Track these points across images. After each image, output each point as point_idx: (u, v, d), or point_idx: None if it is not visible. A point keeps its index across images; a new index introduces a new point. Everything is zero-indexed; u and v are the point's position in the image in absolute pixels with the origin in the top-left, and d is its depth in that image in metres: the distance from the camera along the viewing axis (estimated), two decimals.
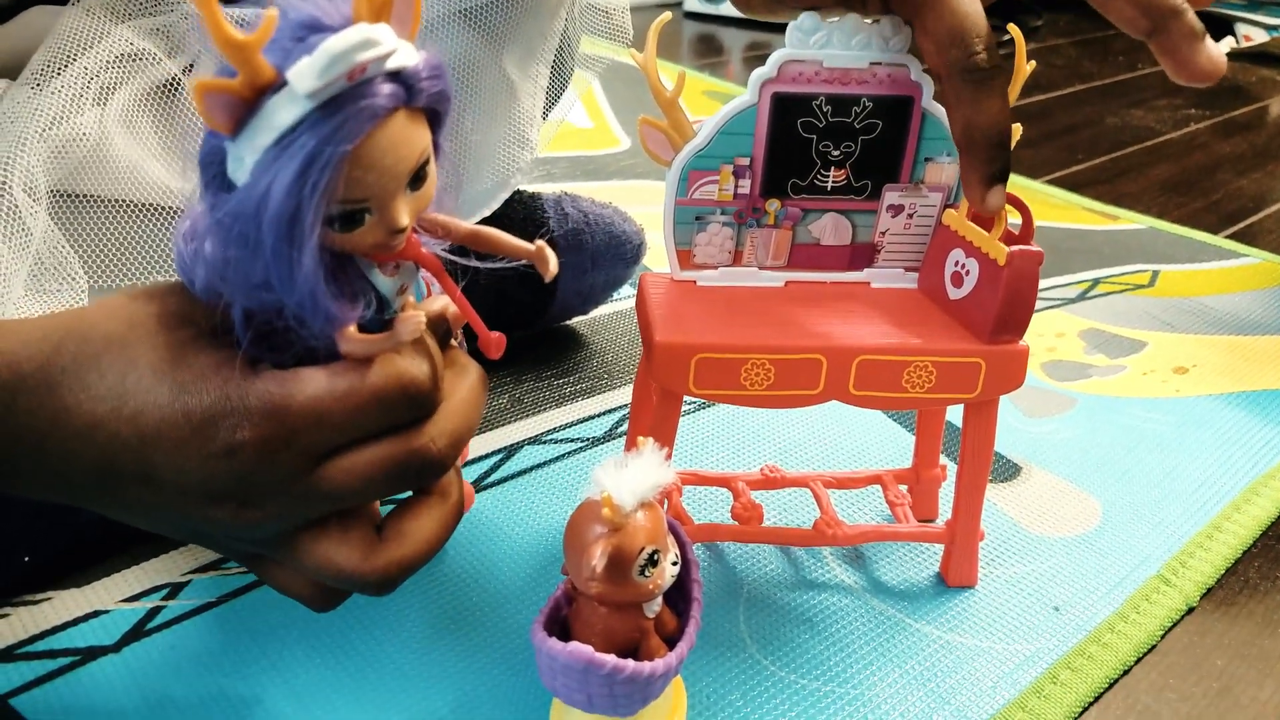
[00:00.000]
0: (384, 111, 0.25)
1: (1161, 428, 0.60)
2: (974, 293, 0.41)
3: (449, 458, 0.31)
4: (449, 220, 0.32)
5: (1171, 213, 0.97)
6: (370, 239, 0.27)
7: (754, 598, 0.45)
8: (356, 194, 0.26)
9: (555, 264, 0.32)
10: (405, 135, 0.26)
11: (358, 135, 0.25)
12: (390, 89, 0.25)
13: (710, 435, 0.57)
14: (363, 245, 0.28)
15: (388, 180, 0.26)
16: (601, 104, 1.19)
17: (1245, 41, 1.64)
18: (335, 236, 0.27)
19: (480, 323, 0.34)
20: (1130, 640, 0.44)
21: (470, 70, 0.51)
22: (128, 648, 0.41)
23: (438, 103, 0.28)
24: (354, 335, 0.28)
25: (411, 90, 0.26)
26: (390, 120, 0.26)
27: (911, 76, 0.40)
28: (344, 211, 0.26)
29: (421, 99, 0.27)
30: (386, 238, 0.28)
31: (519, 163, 0.55)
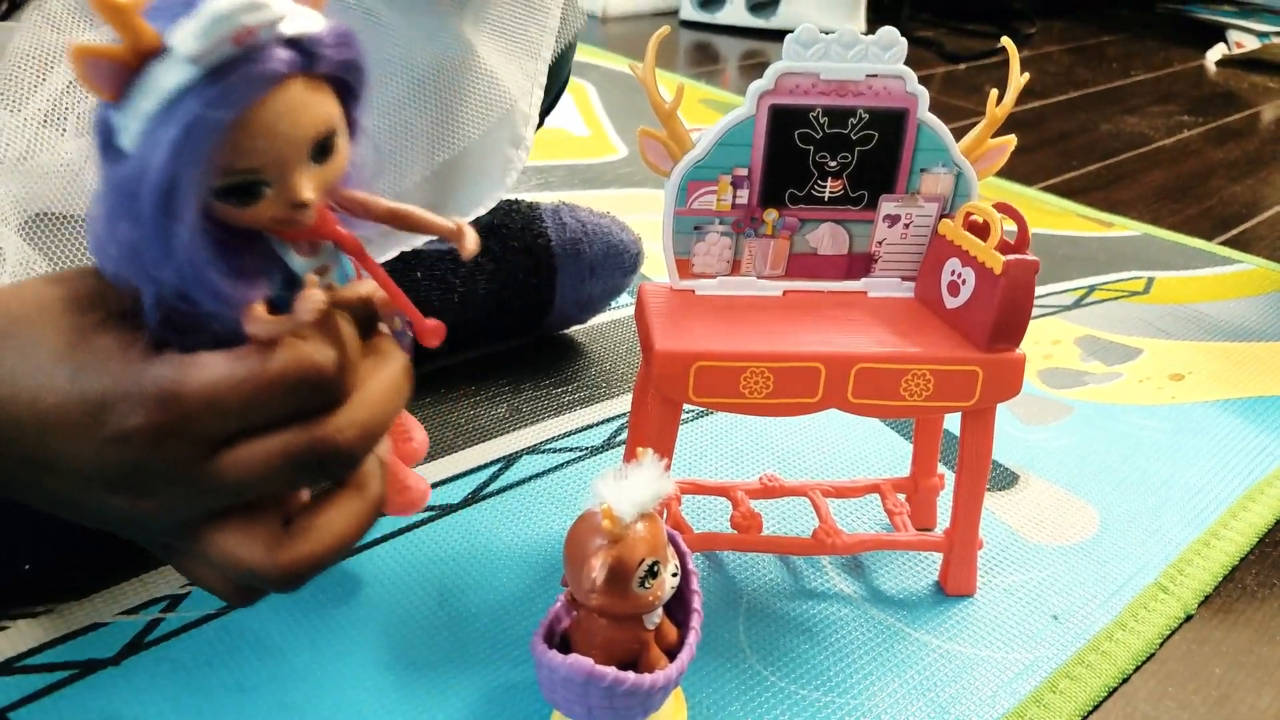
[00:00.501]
0: (275, 77, 0.24)
1: (1158, 435, 0.61)
2: (971, 301, 0.41)
3: (357, 449, 0.29)
4: (368, 198, 0.30)
5: (1165, 219, 0.98)
6: (270, 213, 0.26)
7: (753, 607, 0.46)
8: (248, 163, 0.25)
9: (474, 242, 0.31)
10: (302, 103, 0.25)
11: (245, 101, 0.24)
12: (284, 55, 0.24)
13: (709, 444, 0.57)
14: (263, 219, 0.27)
15: (283, 149, 0.25)
16: (598, 112, 1.19)
17: (1237, 48, 1.65)
18: (232, 210, 0.26)
19: (412, 308, 0.32)
20: (1129, 648, 0.44)
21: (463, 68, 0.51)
22: (127, 660, 0.40)
23: (345, 72, 0.26)
24: (258, 315, 0.27)
25: (311, 57, 0.25)
26: (285, 87, 0.25)
27: (907, 89, 0.40)
28: (237, 183, 0.25)
29: (323, 66, 0.26)
30: (288, 212, 0.26)
31: (514, 162, 0.55)
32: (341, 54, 0.26)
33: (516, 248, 0.62)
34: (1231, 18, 1.76)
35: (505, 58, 0.53)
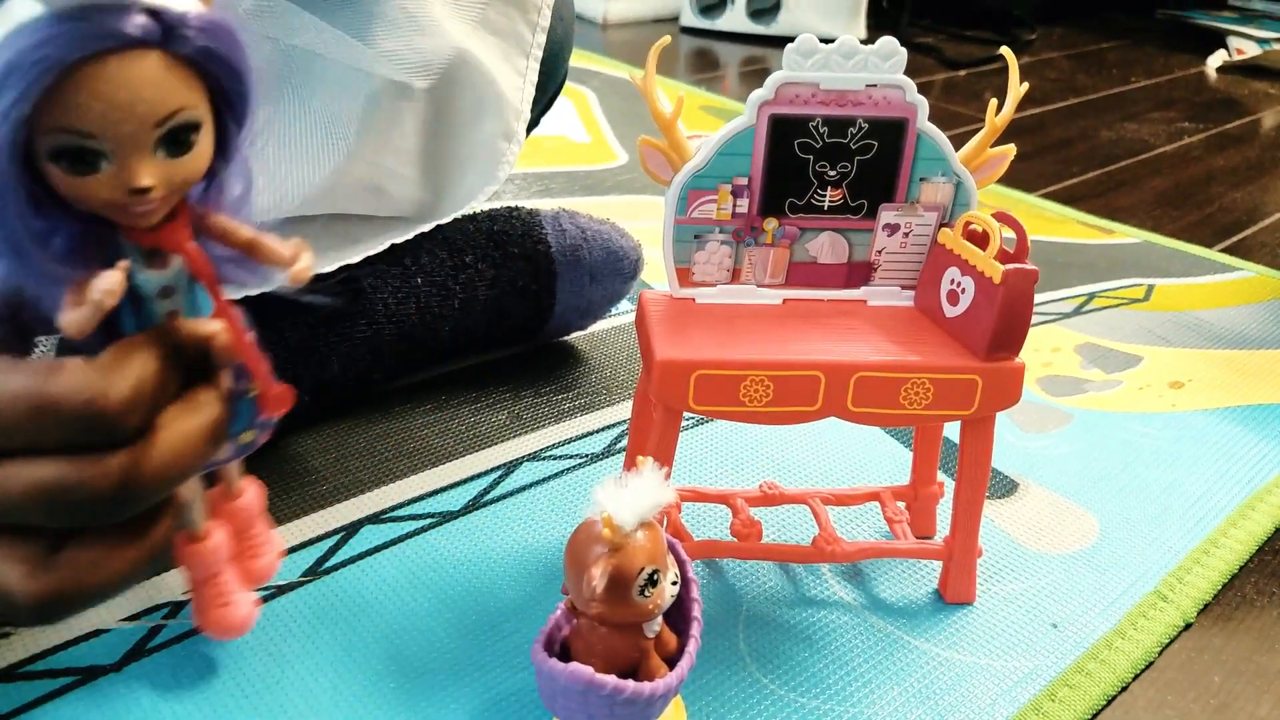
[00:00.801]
0: (121, 36, 0.23)
1: (1158, 443, 0.61)
2: (970, 310, 0.41)
3: (128, 498, 0.27)
4: (230, 224, 0.29)
5: (1166, 226, 0.98)
6: (106, 193, 0.25)
7: (753, 615, 0.46)
8: (79, 124, 0.24)
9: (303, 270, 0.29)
10: (153, 79, 0.24)
11: (82, 50, 0.23)
12: (140, 19, 0.24)
13: (709, 451, 0.57)
14: (98, 198, 0.25)
15: (121, 119, 0.24)
16: (599, 118, 1.19)
17: (1238, 55, 1.65)
18: (63, 176, 0.25)
19: (259, 363, 0.30)
20: (1128, 657, 0.44)
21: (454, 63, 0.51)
22: (128, 667, 0.41)
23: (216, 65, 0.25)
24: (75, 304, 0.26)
25: (170, 33, 0.24)
26: (134, 56, 0.24)
27: (906, 99, 0.41)
28: (68, 145, 0.24)
29: (185, 46, 0.25)
30: (124, 196, 0.25)
31: (506, 155, 0.55)
32: (207, 40, 0.25)
33: (516, 254, 0.62)
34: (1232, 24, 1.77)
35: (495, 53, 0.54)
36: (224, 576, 0.38)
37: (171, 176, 0.26)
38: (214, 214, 0.29)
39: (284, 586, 0.45)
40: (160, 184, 0.26)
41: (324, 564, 0.47)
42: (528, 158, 1.02)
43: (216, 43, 0.25)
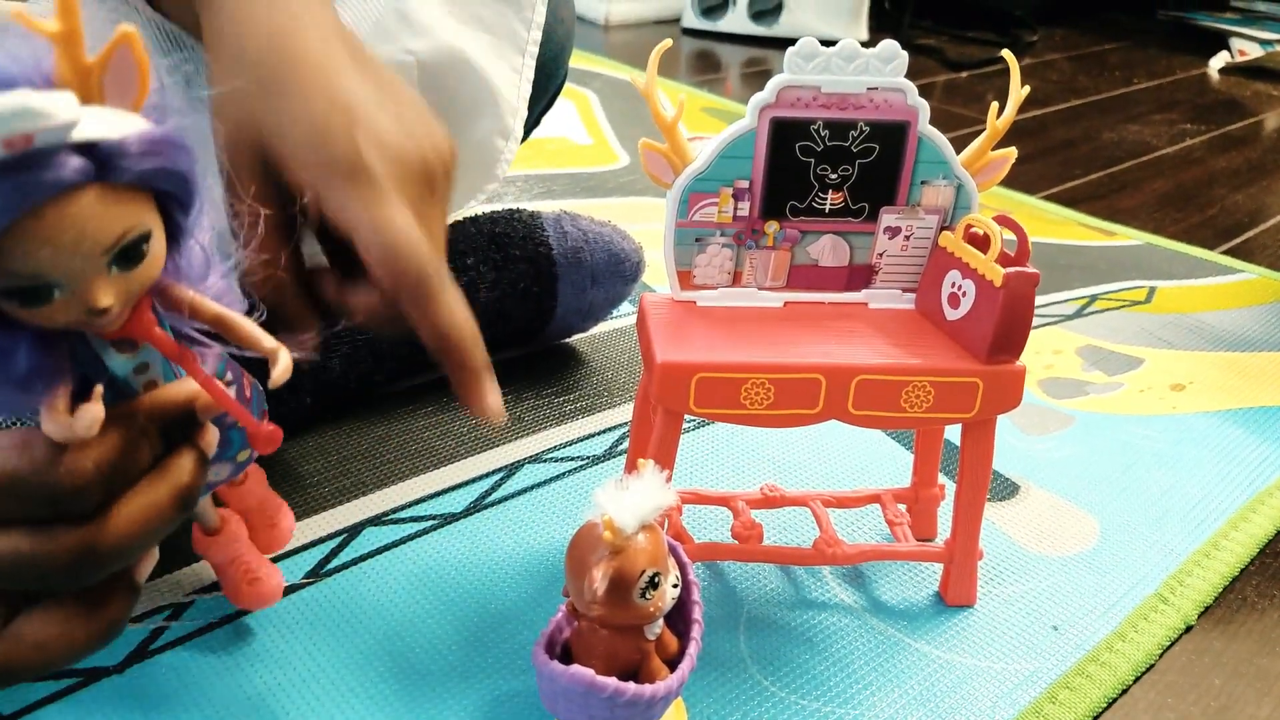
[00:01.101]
0: (57, 187, 0.23)
1: (1159, 445, 0.61)
2: (971, 314, 0.41)
3: (83, 570, 0.27)
4: (196, 299, 0.29)
5: (1168, 228, 0.98)
6: (65, 317, 0.25)
7: (754, 617, 0.46)
8: (27, 269, 0.24)
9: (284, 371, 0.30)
10: (94, 213, 0.24)
11: (15, 210, 0.23)
12: (73, 163, 0.23)
13: (710, 454, 0.58)
14: (59, 322, 0.25)
15: (69, 259, 0.24)
16: (600, 120, 1.20)
17: (1240, 56, 1.65)
18: (19, 311, 0.25)
19: (242, 412, 0.30)
20: (1129, 659, 0.44)
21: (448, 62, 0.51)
22: (131, 669, 0.41)
23: (159, 181, 0.25)
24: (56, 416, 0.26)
25: (107, 166, 0.24)
26: (72, 196, 0.23)
27: (907, 102, 0.41)
28: (19, 286, 0.24)
29: (125, 176, 0.24)
30: (84, 317, 0.25)
31: (503, 153, 0.55)
32: (149, 163, 0.24)
33: (518, 256, 0.63)
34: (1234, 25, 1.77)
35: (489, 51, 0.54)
36: (246, 555, 0.40)
37: (129, 287, 0.26)
38: (174, 286, 0.28)
39: (286, 589, 0.45)
40: (118, 300, 0.26)
41: (326, 566, 0.47)
42: (529, 159, 1.03)
43: (157, 162, 0.25)
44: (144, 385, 0.30)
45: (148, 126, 0.25)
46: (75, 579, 0.28)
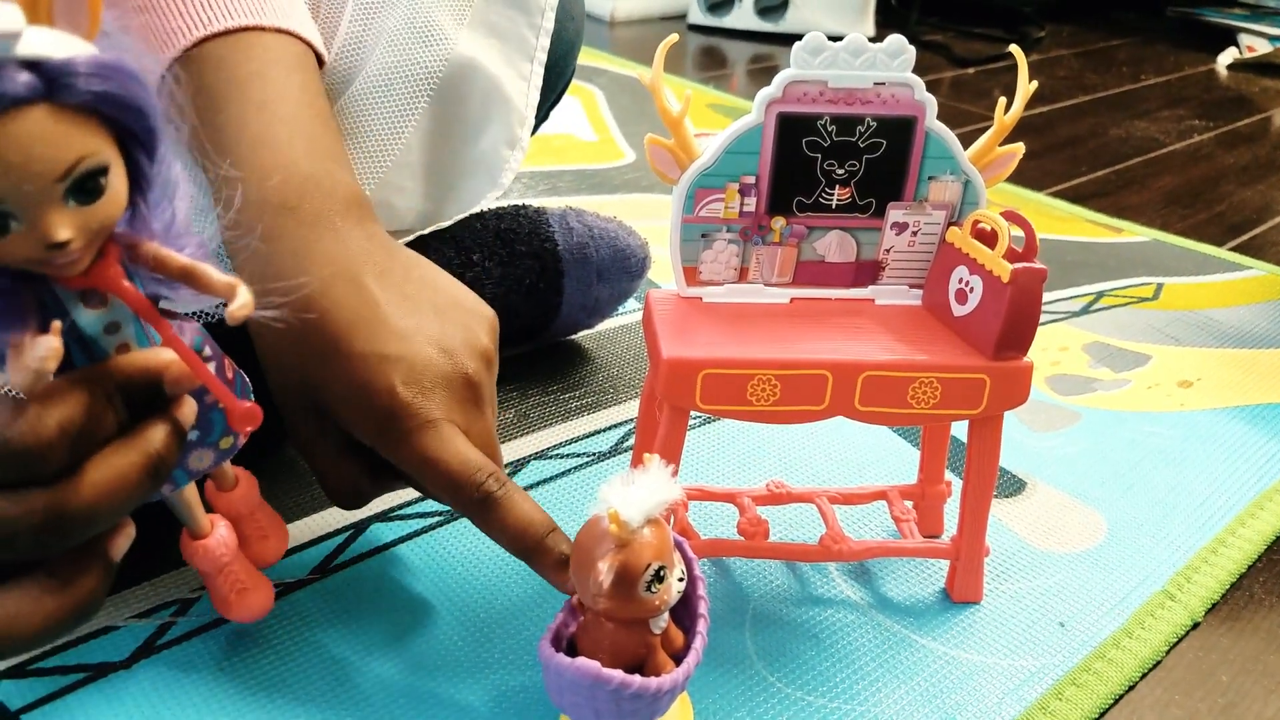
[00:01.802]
0: (3, 101, 0.22)
1: (1166, 442, 0.61)
2: (978, 310, 0.41)
3: (51, 534, 0.27)
4: (162, 252, 0.28)
5: (1175, 225, 0.98)
6: (23, 251, 0.24)
7: (760, 614, 0.46)
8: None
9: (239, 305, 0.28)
10: (45, 134, 0.23)
11: None
12: (20, 77, 0.22)
13: (716, 450, 0.57)
14: (17, 256, 0.25)
15: (20, 181, 0.23)
16: (606, 116, 1.19)
17: (1248, 52, 1.64)
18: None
19: (218, 385, 0.29)
20: (1135, 656, 0.44)
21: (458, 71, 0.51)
22: (139, 664, 0.41)
23: (112, 107, 0.24)
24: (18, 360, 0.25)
25: (55, 84, 0.23)
26: (21, 114, 0.23)
27: (915, 97, 0.41)
28: None
29: (74, 96, 0.23)
30: (41, 252, 0.24)
31: (510, 162, 0.55)
32: (98, 84, 0.24)
33: (524, 252, 0.63)
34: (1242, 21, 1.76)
35: (499, 59, 0.54)
36: (235, 565, 0.39)
37: (88, 223, 0.25)
38: (144, 243, 0.28)
39: (292, 584, 0.46)
40: (78, 234, 0.25)
41: (333, 561, 0.47)
42: (534, 156, 1.02)
43: (108, 85, 0.24)
44: (116, 347, 0.28)
45: (97, 51, 0.24)
46: (41, 545, 0.27)
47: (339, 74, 0.50)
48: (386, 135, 0.50)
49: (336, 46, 0.50)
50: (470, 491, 0.37)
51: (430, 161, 0.53)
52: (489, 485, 0.37)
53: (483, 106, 0.53)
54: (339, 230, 0.40)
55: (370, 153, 0.50)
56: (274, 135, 0.41)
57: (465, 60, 0.51)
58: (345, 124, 0.50)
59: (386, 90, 0.50)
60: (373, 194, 0.51)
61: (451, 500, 0.38)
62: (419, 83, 0.50)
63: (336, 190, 0.41)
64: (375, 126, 0.50)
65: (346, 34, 0.50)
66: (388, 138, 0.51)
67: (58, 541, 0.27)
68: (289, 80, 0.43)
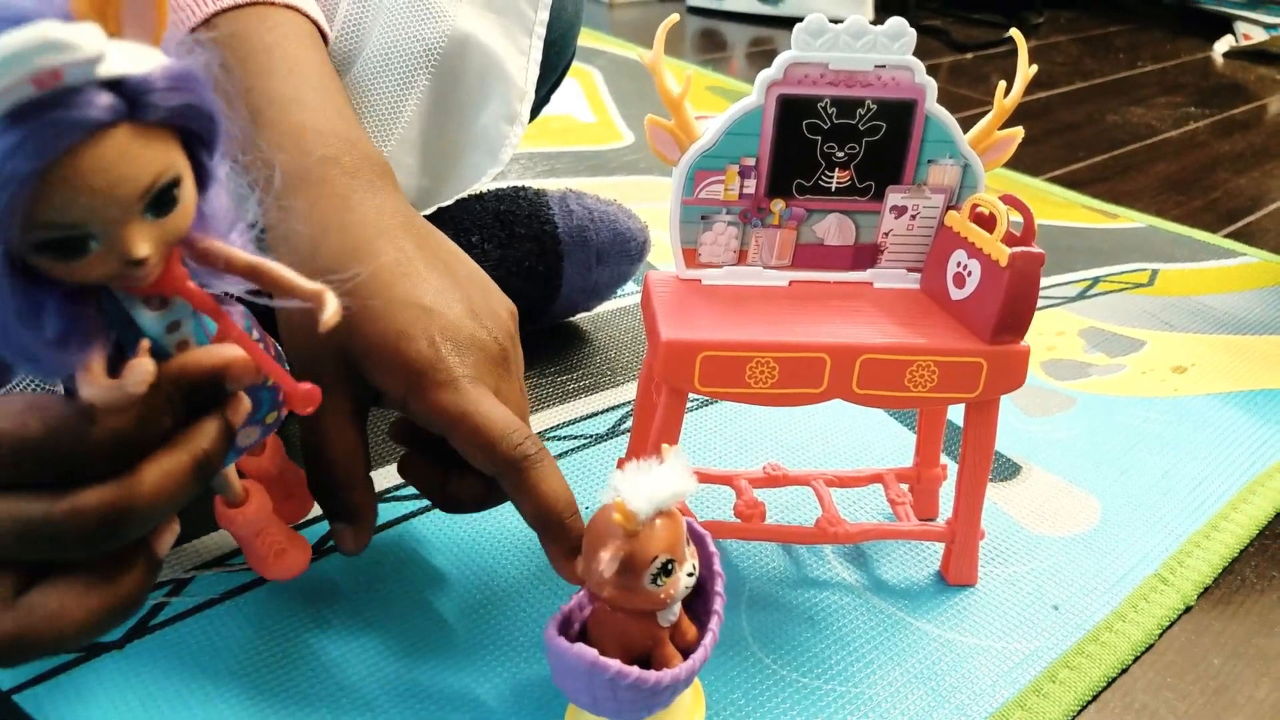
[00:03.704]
0: (90, 126, 0.22)
1: (1160, 427, 0.61)
2: (976, 293, 0.41)
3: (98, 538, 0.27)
4: (228, 251, 0.28)
5: (1171, 211, 0.98)
6: (101, 270, 0.24)
7: (756, 596, 0.46)
8: (65, 219, 0.23)
9: (334, 313, 0.28)
10: (128, 154, 0.23)
11: (50, 153, 0.22)
12: (103, 101, 0.22)
13: (713, 433, 0.58)
14: (93, 276, 0.24)
15: (105, 205, 0.23)
16: (605, 98, 1.19)
17: (1245, 40, 1.64)
18: (55, 266, 0.24)
19: (279, 371, 0.29)
20: (1128, 639, 0.44)
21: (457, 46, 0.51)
22: (131, 644, 0.41)
23: (185, 118, 0.24)
24: (92, 379, 0.25)
25: (137, 104, 0.23)
26: (104, 137, 0.22)
27: (915, 80, 0.40)
28: (55, 238, 0.23)
29: (154, 114, 0.23)
30: (122, 269, 0.24)
31: (510, 138, 0.55)
32: (176, 99, 0.23)
33: (523, 234, 0.62)
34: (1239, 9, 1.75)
35: (497, 33, 0.53)
36: (272, 528, 0.39)
37: (165, 235, 0.25)
38: (204, 240, 0.27)
39: None
40: (155, 248, 0.25)
41: (326, 543, 0.47)
42: (533, 138, 1.02)
43: (185, 97, 0.24)
44: (176, 345, 0.28)
45: (172, 61, 0.24)
46: (90, 545, 0.27)
47: (341, 53, 0.50)
48: (389, 113, 0.50)
49: (337, 26, 0.50)
50: (507, 450, 0.35)
51: (430, 138, 0.53)
52: (526, 447, 0.36)
53: (481, 82, 0.53)
54: (378, 188, 0.40)
55: (373, 130, 0.50)
56: (306, 97, 0.41)
57: (464, 35, 0.51)
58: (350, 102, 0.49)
59: (387, 67, 0.50)
60: None
61: (483, 457, 0.36)
62: (419, 59, 0.50)
63: (370, 153, 0.41)
64: (378, 104, 0.50)
65: (347, 13, 0.50)
66: (390, 115, 0.50)
67: (105, 543, 0.27)
68: (308, 53, 0.43)
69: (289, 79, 0.41)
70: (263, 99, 0.40)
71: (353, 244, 0.38)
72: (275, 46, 0.42)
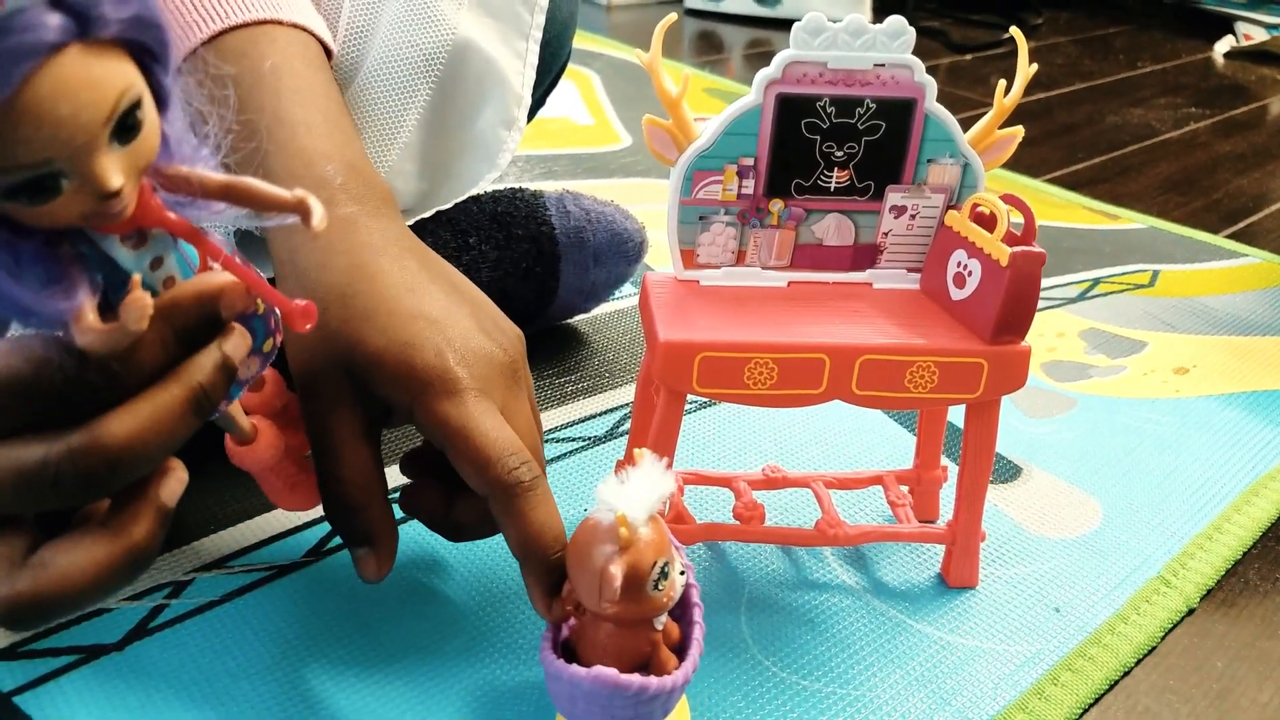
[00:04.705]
0: (42, 49, 0.20)
1: (1162, 428, 0.61)
2: (976, 293, 0.41)
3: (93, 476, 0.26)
4: (196, 173, 0.26)
5: (1172, 212, 0.98)
6: (77, 209, 0.23)
7: (755, 598, 0.46)
8: (31, 157, 0.21)
9: (320, 217, 0.27)
10: (86, 76, 0.21)
11: (6, 86, 0.20)
12: (52, 20, 0.20)
13: (712, 435, 0.57)
14: (69, 216, 0.23)
15: (71, 135, 0.21)
16: (602, 100, 1.19)
17: (1245, 40, 1.64)
18: (26, 210, 0.23)
19: (273, 291, 0.28)
20: (1130, 642, 0.44)
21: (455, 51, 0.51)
22: (131, 646, 0.41)
23: (138, 31, 0.23)
24: (88, 325, 0.24)
25: (86, 19, 0.21)
26: (57, 60, 0.21)
27: (915, 79, 0.40)
28: (24, 180, 0.22)
29: (107, 29, 0.22)
30: (97, 205, 0.23)
31: (507, 143, 0.54)
32: (126, 9, 0.22)
33: (520, 236, 0.62)
34: (1239, 9, 1.75)
35: (494, 38, 0.53)
36: (285, 461, 0.38)
37: (135, 162, 0.24)
38: (170, 166, 0.26)
39: (286, 567, 0.45)
40: (128, 178, 0.23)
41: (326, 545, 0.47)
42: (531, 140, 1.02)
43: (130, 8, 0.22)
44: (162, 283, 0.27)
45: None
46: (86, 483, 0.26)
47: (344, 66, 0.50)
48: (392, 122, 0.50)
49: (341, 35, 0.50)
50: (498, 471, 0.35)
51: (428, 143, 0.53)
52: (521, 473, 0.35)
53: (479, 87, 0.53)
54: (382, 214, 0.40)
55: (376, 141, 0.50)
56: (314, 121, 0.41)
57: (464, 41, 0.51)
58: (354, 114, 0.49)
59: (390, 77, 0.50)
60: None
61: (475, 477, 0.35)
62: (421, 67, 0.50)
63: (375, 180, 0.42)
64: (381, 114, 0.50)
65: (348, 24, 0.50)
66: (393, 125, 0.50)
67: (102, 482, 0.26)
68: (315, 75, 0.44)
69: (297, 101, 0.41)
70: (272, 120, 0.40)
71: (359, 263, 0.38)
72: (283, 67, 0.42)
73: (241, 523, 0.48)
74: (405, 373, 0.36)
